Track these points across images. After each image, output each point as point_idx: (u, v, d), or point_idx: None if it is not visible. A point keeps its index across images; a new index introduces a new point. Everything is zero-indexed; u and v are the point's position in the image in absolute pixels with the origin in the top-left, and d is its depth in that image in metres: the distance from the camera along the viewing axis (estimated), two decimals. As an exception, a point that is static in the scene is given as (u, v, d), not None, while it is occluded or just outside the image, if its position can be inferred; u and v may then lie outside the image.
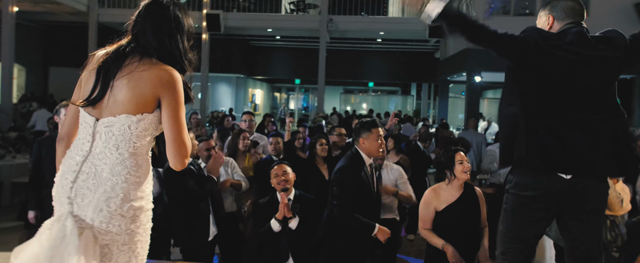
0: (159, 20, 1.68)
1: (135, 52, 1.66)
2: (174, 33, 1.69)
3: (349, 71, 17.52)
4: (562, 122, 2.02)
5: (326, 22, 13.88)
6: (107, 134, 1.63)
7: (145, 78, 1.62)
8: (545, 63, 2.03)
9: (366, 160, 3.13)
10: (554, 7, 2.20)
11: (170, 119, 1.64)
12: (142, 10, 1.72)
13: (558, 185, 2.02)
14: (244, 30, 15.37)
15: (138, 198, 1.66)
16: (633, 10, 10.38)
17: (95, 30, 13.80)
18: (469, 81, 11.31)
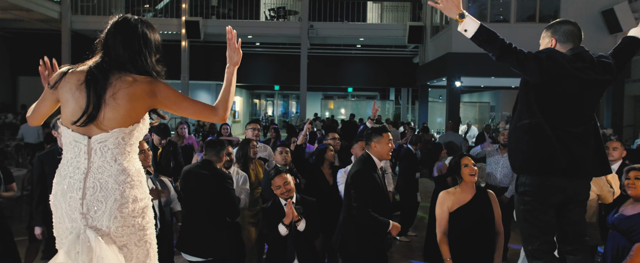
0: (128, 37, 1.79)
1: (113, 68, 1.74)
2: (142, 49, 1.80)
3: (329, 77, 17.62)
4: (570, 135, 2.34)
5: (307, 28, 13.95)
6: (103, 149, 1.72)
7: (135, 94, 1.73)
8: (564, 83, 2.30)
9: (377, 163, 3.20)
10: (556, 31, 2.45)
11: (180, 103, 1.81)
12: (111, 28, 1.81)
13: (567, 185, 2.38)
14: (223, 37, 15.13)
15: (143, 198, 1.80)
16: (600, 17, 10.87)
17: (69, 37, 13.44)
18: (449, 86, 11.54)
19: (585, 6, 10.82)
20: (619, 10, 10.45)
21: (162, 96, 1.77)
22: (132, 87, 1.73)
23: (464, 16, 2.35)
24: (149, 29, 1.86)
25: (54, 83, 1.79)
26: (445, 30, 11.85)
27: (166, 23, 14.13)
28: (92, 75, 1.72)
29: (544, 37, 2.54)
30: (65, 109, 1.77)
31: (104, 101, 1.70)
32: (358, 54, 17.34)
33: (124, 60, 1.76)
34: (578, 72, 2.31)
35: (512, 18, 11.15)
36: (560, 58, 2.33)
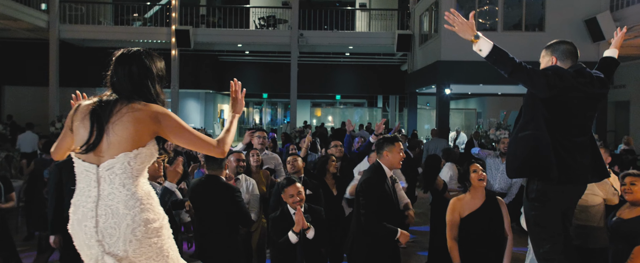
0: (130, 69, 1.86)
1: (121, 98, 1.83)
2: (144, 79, 1.87)
3: (317, 84, 17.71)
4: (573, 145, 2.53)
5: (297, 37, 14.05)
6: (111, 176, 1.78)
7: (138, 118, 1.79)
8: (569, 97, 2.49)
9: (387, 172, 3.27)
10: (556, 50, 2.69)
11: (181, 134, 1.86)
12: (115, 62, 1.89)
13: (572, 190, 2.61)
14: (213, 46, 15.26)
15: (156, 219, 1.84)
16: (583, 26, 11.20)
17: (57, 46, 13.27)
18: (439, 93, 11.73)
19: (568, 15, 11.15)
20: (602, 19, 10.78)
21: (165, 124, 1.83)
22: (137, 112, 1.80)
23: (479, 37, 2.53)
24: (148, 58, 1.92)
25: (69, 120, 1.88)
26: (434, 39, 12.07)
27: (155, 32, 14.08)
28: (99, 105, 1.80)
29: (544, 55, 2.76)
30: (76, 139, 1.84)
31: (106, 130, 1.78)
32: (346, 61, 17.50)
33: (129, 91, 1.84)
34: (582, 86, 2.50)
35: (499, 27, 11.43)
36: (566, 73, 2.53)
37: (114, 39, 14.10)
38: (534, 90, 2.53)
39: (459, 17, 2.57)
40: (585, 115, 2.55)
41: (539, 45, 10.13)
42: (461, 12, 10.23)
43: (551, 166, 2.45)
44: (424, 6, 13.28)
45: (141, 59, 1.90)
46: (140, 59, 1.89)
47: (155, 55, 1.97)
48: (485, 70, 11.25)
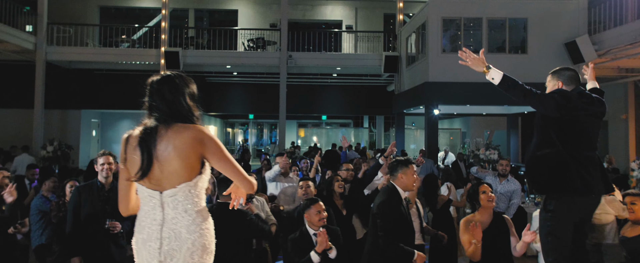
0: (162, 90, 1.96)
1: (159, 123, 1.90)
2: (177, 97, 1.96)
3: (304, 105, 17.82)
4: (585, 159, 2.78)
5: (286, 58, 14.19)
6: (174, 202, 1.89)
7: (184, 144, 1.87)
8: (576, 116, 2.77)
9: (402, 194, 3.33)
10: (561, 75, 3.01)
11: (222, 162, 1.94)
12: (148, 87, 2.00)
13: (585, 202, 2.81)
14: (202, 67, 15.28)
15: (210, 244, 1.97)
16: (564, 49, 11.67)
17: (43, 68, 13.08)
18: (427, 114, 11.95)
19: (549, 39, 11.61)
20: (581, 43, 11.26)
21: (209, 146, 1.91)
22: (178, 137, 1.87)
23: (490, 68, 2.81)
24: (178, 78, 2.02)
25: (123, 155, 1.95)
26: (421, 61, 12.36)
27: (144, 53, 14.03)
28: (144, 133, 1.89)
29: (550, 80, 3.06)
30: (131, 168, 1.92)
31: (155, 157, 1.85)
32: (333, 82, 17.70)
33: (165, 113, 1.91)
34: (585, 106, 2.79)
35: (484, 49, 11.78)
36: (571, 95, 2.81)
37: (101, 60, 13.99)
38: (545, 111, 2.78)
39: (470, 54, 2.88)
40: (591, 132, 2.82)
41: (523, 66, 10.61)
42: (446, 34, 10.57)
43: (573, 179, 2.66)
44: (410, 29, 13.64)
45: (172, 79, 1.99)
46: (171, 80, 1.99)
47: (186, 77, 2.07)
48: (471, 91, 11.59)
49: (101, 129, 16.56)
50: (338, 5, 17.84)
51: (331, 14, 17.84)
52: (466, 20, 11.99)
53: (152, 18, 16.94)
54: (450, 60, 11.66)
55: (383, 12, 17.72)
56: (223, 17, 18.03)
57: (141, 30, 15.99)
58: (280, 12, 16.80)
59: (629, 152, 13.60)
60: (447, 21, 11.92)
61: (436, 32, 11.65)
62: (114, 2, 17.15)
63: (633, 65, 13.11)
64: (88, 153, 14.82)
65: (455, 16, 11.89)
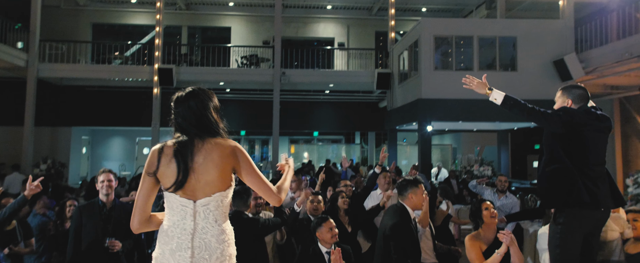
0: (189, 106, 2.05)
1: (191, 137, 1.99)
2: (204, 112, 2.05)
3: (297, 121, 17.86)
4: (595, 173, 2.87)
5: (279, 75, 14.27)
6: (206, 212, 1.96)
7: (220, 156, 1.97)
8: (582, 132, 2.87)
9: (411, 214, 3.36)
10: (571, 93, 3.09)
11: (252, 175, 2.03)
12: (174, 104, 2.09)
13: (594, 216, 2.87)
14: (195, 84, 15.22)
15: (234, 254, 2.05)
16: (552, 67, 11.95)
17: (34, 85, 12.95)
18: (420, 130, 12.06)
19: (538, 56, 11.88)
20: (569, 61, 11.55)
21: (241, 159, 2.02)
22: (215, 150, 1.97)
23: (492, 89, 3.01)
24: (202, 93, 2.11)
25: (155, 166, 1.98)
26: (414, 78, 12.53)
27: (137, 70, 13.99)
28: (180, 146, 1.97)
29: (560, 96, 3.13)
30: (167, 180, 1.97)
31: (192, 169, 1.93)
32: (326, 99, 17.81)
33: (194, 127, 2.00)
34: (591, 121, 2.88)
35: (475, 66, 12.00)
36: (576, 112, 2.94)
37: (94, 77, 13.91)
38: (550, 128, 2.90)
39: (474, 79, 3.07)
40: (597, 147, 2.91)
41: (513, 83, 10.83)
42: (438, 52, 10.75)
43: (581, 192, 2.74)
44: (403, 46, 13.85)
45: (197, 95, 2.08)
46: (195, 95, 2.07)
47: (208, 91, 2.16)
48: (463, 108, 11.77)
49: (91, 146, 16.36)
50: (330, 23, 18.07)
51: (323, 32, 18.05)
52: (457, 38, 12.24)
53: (145, 35, 16.95)
54: (443, 77, 11.86)
55: (374, 29, 17.99)
56: (216, 34, 18.12)
57: (134, 47, 15.97)
58: (272, 30, 16.97)
59: (616, 167, 13.84)
60: (439, 39, 12.15)
61: (429, 50, 11.85)
62: (107, 20, 17.14)
63: (619, 82, 13.45)
64: (78, 170, 14.62)
65: (447, 34, 12.13)
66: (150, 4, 16.77)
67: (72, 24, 16.39)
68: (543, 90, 11.88)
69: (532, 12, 15.68)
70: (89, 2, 16.80)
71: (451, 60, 12.27)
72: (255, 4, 17.19)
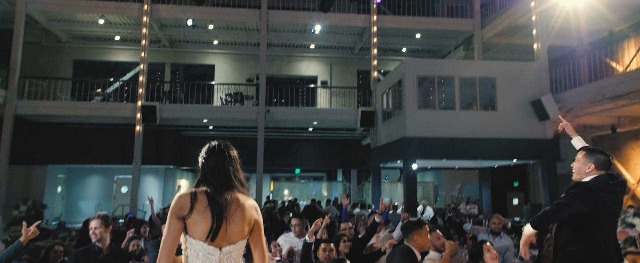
0: (219, 160, 2.21)
1: (221, 189, 2.13)
2: (235, 166, 2.25)
3: (280, 159, 17.79)
4: (610, 238, 2.89)
5: (264, 113, 14.31)
6: (228, 259, 2.10)
7: (247, 210, 2.16)
8: (605, 200, 2.85)
9: (418, 256, 3.34)
10: (595, 158, 3.03)
11: (259, 234, 2.23)
12: (207, 155, 2.25)
13: None
14: (178, 121, 15.12)
15: None
16: (530, 106, 12.38)
17: (11, 122, 12.58)
18: (405, 168, 12.16)
19: (516, 97, 12.30)
20: (546, 101, 11.99)
21: (259, 218, 2.24)
22: (243, 204, 2.17)
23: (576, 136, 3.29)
24: (229, 149, 2.28)
25: (187, 211, 2.07)
26: (398, 116, 12.76)
27: (119, 108, 13.79)
28: (215, 196, 2.09)
29: (582, 159, 3.07)
30: (198, 227, 2.06)
31: (225, 219, 2.08)
32: (309, 136, 17.87)
33: (223, 180, 2.16)
34: (613, 192, 2.90)
35: (457, 105, 12.33)
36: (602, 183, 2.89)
37: (74, 114, 13.62)
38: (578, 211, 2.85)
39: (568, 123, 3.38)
40: (615, 216, 2.94)
41: (493, 122, 11.09)
42: (421, 90, 10.96)
43: None
44: (386, 85, 14.17)
45: (223, 150, 2.24)
46: (222, 151, 2.24)
47: (230, 144, 2.32)
48: (447, 146, 11.98)
49: (67, 185, 15.79)
50: (313, 62, 18.41)
51: (307, 70, 18.34)
52: (439, 78, 12.61)
53: (126, 72, 16.86)
54: (426, 115, 12.12)
55: (356, 68, 18.40)
56: (199, 72, 18.17)
57: (115, 84, 15.82)
58: (256, 67, 17.17)
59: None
60: (421, 79, 12.49)
61: (412, 89, 12.15)
62: (88, 56, 17.02)
63: (592, 122, 14.03)
64: (52, 211, 14.01)
65: (429, 74, 12.50)
66: (133, 42, 16.79)
67: (53, 60, 16.19)
68: (522, 130, 12.27)
69: (508, 53, 16.39)
70: (70, 39, 16.70)
71: (433, 99, 12.58)
72: (240, 42, 17.42)
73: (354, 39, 17.01)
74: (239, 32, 16.26)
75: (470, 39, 15.90)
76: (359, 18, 15.38)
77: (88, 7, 14.26)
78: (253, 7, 15.13)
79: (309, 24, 15.50)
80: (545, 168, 12.28)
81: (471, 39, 15.87)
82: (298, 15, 15.16)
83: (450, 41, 17.08)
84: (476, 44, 15.55)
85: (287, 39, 17.01)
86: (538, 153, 12.25)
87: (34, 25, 14.95)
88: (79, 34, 16.52)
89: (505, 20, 14.41)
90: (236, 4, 15.06)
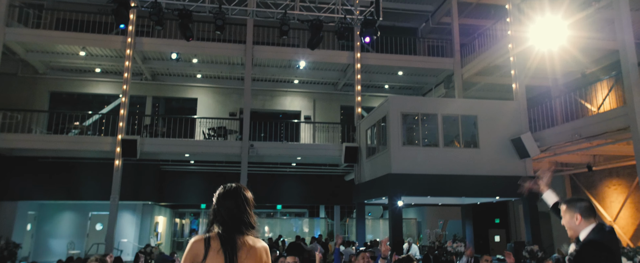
0: (235, 203, 2.28)
1: (233, 232, 2.21)
2: (249, 210, 2.32)
3: (262, 195, 17.49)
4: None
5: (248, 147, 14.15)
6: None
7: (257, 253, 2.25)
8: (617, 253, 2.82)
9: None
10: (578, 207, 2.96)
11: None
12: (220, 198, 2.31)
13: None
14: (159, 156, 14.78)
15: None
16: (510, 144, 12.65)
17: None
18: (391, 205, 12.10)
19: (497, 134, 12.57)
20: (525, 139, 12.29)
21: (268, 260, 2.32)
22: (254, 247, 2.27)
23: None
24: (244, 191, 2.35)
25: (201, 257, 2.16)
26: (383, 152, 12.80)
27: (98, 141, 13.42)
28: (227, 240, 2.19)
29: (566, 211, 3.03)
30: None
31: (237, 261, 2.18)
32: (291, 171, 17.70)
33: (237, 222, 2.23)
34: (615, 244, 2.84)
35: (440, 143, 12.48)
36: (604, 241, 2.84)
37: (49, 148, 13.15)
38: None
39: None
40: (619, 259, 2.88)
41: (475, 160, 11.25)
42: (404, 126, 11.07)
43: None
44: (370, 122, 14.29)
45: (241, 193, 2.31)
46: (238, 194, 2.30)
47: (245, 187, 2.38)
48: (432, 183, 12.04)
49: (37, 222, 15.03)
50: (297, 97, 18.50)
51: (290, 105, 18.39)
52: (422, 115, 12.81)
53: (105, 104, 16.53)
54: (411, 152, 12.22)
55: (340, 103, 18.56)
56: (181, 105, 17.97)
57: (94, 116, 15.45)
58: (239, 101, 17.12)
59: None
60: (405, 115, 12.66)
61: (397, 126, 12.27)
62: (66, 88, 16.65)
63: (569, 160, 14.43)
64: (21, 250, 13.22)
65: (413, 112, 12.69)
66: (114, 74, 16.57)
67: (29, 92, 15.77)
68: (503, 167, 12.47)
69: (487, 92, 16.87)
70: (48, 71, 16.37)
71: (416, 135, 12.72)
72: (223, 76, 17.41)
73: (338, 75, 17.25)
74: (223, 66, 16.28)
75: (451, 77, 16.34)
76: (343, 55, 15.65)
77: (70, 39, 14.08)
78: (238, 42, 15.24)
79: (294, 60, 15.67)
80: (526, 205, 12.41)
81: (451, 77, 16.31)
82: (283, 51, 15.33)
83: (431, 79, 17.52)
84: (456, 82, 15.98)
85: (271, 74, 17.12)
86: (519, 190, 12.39)
87: (11, 56, 14.61)
88: (57, 66, 16.22)
89: (484, 60, 14.92)
90: (222, 38, 15.14)
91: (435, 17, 18.13)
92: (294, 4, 9.23)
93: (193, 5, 8.60)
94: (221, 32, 8.68)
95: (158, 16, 7.96)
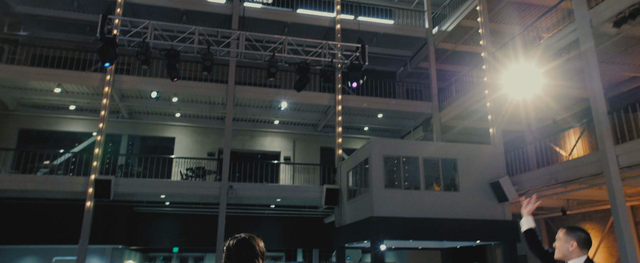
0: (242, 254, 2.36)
1: None
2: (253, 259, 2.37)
3: (238, 237, 16.92)
4: None
5: (227, 188, 13.81)
6: None
7: None
8: None
9: None
10: (577, 236, 3.10)
11: None
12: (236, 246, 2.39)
13: None
14: (133, 196, 14.21)
15: None
16: (489, 188, 12.81)
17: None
18: (373, 249, 11.89)
19: (476, 178, 12.73)
20: (504, 183, 12.49)
21: None
22: None
23: None
24: (253, 241, 2.42)
25: None
26: (365, 195, 12.71)
27: (69, 181, 12.83)
28: None
29: (563, 237, 3.13)
30: None
31: None
32: (270, 213, 17.31)
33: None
34: None
35: (422, 186, 12.52)
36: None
37: (15, 188, 12.45)
38: None
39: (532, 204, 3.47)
40: None
41: (455, 203, 11.31)
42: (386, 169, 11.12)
43: None
44: (351, 164, 14.26)
45: (249, 244, 2.39)
46: (249, 244, 2.38)
47: (256, 237, 2.46)
48: (413, 226, 11.96)
49: (-5, 267, 13.98)
50: (277, 137, 18.41)
51: (270, 145, 18.25)
52: (404, 158, 12.90)
53: (77, 142, 15.96)
54: (392, 195, 12.18)
55: (319, 145, 18.54)
56: (158, 144, 17.54)
57: (65, 155, 14.85)
58: (218, 141, 16.87)
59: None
60: (387, 158, 12.72)
61: (378, 169, 12.28)
62: (36, 126, 16.05)
63: (544, 204, 14.70)
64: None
65: (395, 154, 12.78)
66: (88, 111, 16.14)
67: (-3, 129, 15.12)
68: (483, 210, 12.56)
69: (465, 135, 17.23)
70: (19, 107, 15.80)
71: (397, 178, 12.75)
72: (203, 115, 17.22)
73: (318, 116, 17.34)
74: (204, 105, 16.13)
75: (429, 120, 16.68)
76: (325, 97, 15.81)
77: (45, 76, 13.72)
78: (220, 82, 15.20)
79: (275, 101, 15.70)
80: (506, 249, 12.43)
81: (430, 121, 16.64)
82: (265, 91, 15.36)
83: (410, 122, 17.83)
84: (435, 125, 16.30)
85: (252, 114, 17.05)
86: (498, 234, 12.46)
87: (-20, 92, 14.09)
88: (29, 102, 15.69)
89: (461, 104, 15.34)
90: (203, 77, 15.08)
91: (413, 61, 18.71)
92: (281, 47, 9.35)
93: (181, 45, 8.58)
94: (208, 72, 8.65)
95: (145, 55, 7.88)
